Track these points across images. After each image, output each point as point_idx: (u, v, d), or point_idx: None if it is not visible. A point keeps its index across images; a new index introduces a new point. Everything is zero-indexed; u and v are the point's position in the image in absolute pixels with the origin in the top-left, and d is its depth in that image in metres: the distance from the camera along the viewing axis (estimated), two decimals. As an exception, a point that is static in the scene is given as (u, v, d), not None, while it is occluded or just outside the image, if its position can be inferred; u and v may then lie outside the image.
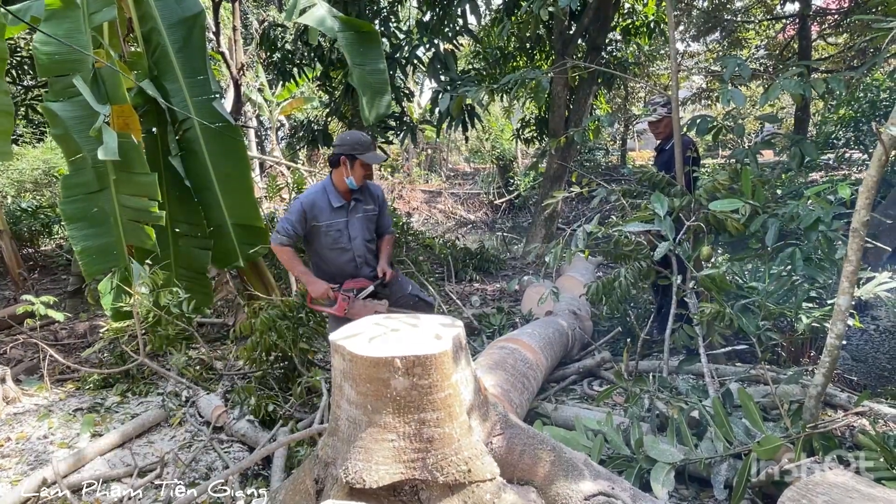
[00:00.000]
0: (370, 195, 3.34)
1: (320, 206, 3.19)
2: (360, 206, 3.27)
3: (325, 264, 3.30)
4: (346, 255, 3.26)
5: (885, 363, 4.41)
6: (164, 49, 3.87)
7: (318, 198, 3.19)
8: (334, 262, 3.26)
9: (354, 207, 3.25)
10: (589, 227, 2.84)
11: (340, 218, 3.21)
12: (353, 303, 3.12)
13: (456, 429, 1.65)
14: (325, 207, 3.19)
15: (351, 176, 3.14)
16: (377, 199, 3.36)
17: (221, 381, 3.70)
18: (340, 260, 3.26)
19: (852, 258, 1.91)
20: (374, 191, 3.38)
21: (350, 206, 3.24)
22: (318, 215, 3.18)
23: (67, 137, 3.62)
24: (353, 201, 3.25)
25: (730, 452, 2.01)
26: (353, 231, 3.24)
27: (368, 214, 3.30)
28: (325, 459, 1.76)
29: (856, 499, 1.42)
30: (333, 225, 3.20)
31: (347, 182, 3.16)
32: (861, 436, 1.92)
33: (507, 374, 2.38)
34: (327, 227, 3.19)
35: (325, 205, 3.19)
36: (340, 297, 3.10)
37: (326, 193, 3.21)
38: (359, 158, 3.10)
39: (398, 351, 1.60)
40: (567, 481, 1.80)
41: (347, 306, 3.09)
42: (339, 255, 3.25)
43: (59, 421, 3.22)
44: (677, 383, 2.78)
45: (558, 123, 7.11)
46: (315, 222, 3.19)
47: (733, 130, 3.14)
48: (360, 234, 3.26)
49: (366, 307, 3.09)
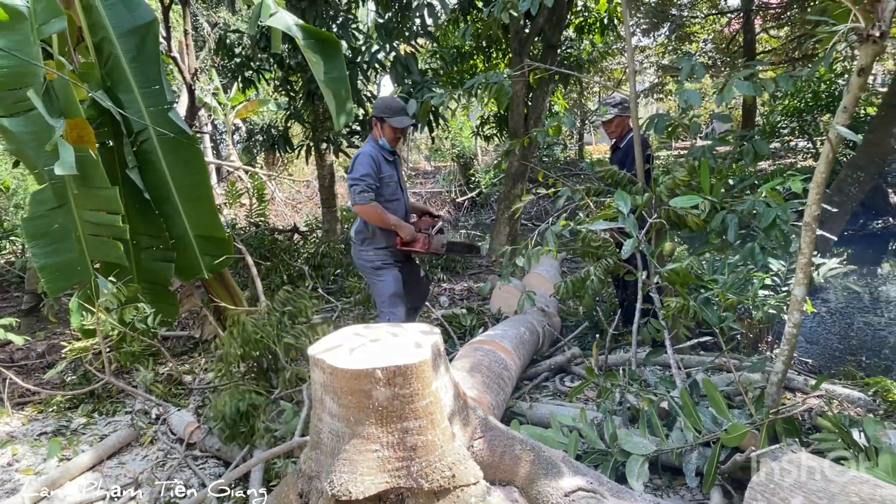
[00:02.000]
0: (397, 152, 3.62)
1: (379, 158, 3.40)
2: (398, 160, 3.61)
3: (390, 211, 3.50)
4: (399, 204, 3.53)
5: (837, 343, 4.64)
6: (117, 59, 3.76)
7: (374, 153, 3.39)
8: (393, 212, 3.46)
9: (395, 161, 3.55)
10: (556, 227, 2.90)
11: (392, 170, 3.49)
12: (431, 241, 3.51)
13: (438, 435, 1.68)
14: (382, 160, 3.41)
15: (383, 137, 3.40)
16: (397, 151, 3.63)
17: (191, 396, 3.65)
18: (397, 209, 3.50)
19: (805, 250, 2.01)
20: None
21: (395, 159, 3.55)
22: (381, 167, 3.39)
23: (23, 154, 3.51)
24: (394, 154, 3.55)
25: (699, 441, 2.09)
26: (401, 183, 3.56)
27: (401, 168, 3.66)
28: (309, 473, 1.76)
29: (817, 478, 1.51)
30: (392, 176, 3.47)
31: (381, 143, 3.43)
32: (820, 418, 2.03)
33: (483, 377, 2.42)
34: (388, 179, 3.44)
35: (382, 158, 3.41)
36: (422, 238, 3.47)
37: (379, 149, 3.43)
38: (387, 122, 3.34)
39: (378, 362, 1.62)
40: (547, 479, 1.84)
41: (425, 244, 3.49)
42: (397, 206, 3.51)
43: (23, 447, 3.11)
44: (645, 375, 2.87)
45: (518, 121, 7.19)
46: (380, 174, 3.39)
47: (689, 128, 3.25)
48: (401, 183, 3.58)
49: (438, 240, 3.55)
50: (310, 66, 3.77)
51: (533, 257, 2.98)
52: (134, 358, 3.68)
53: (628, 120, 3.77)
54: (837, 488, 1.46)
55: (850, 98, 1.87)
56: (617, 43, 13.07)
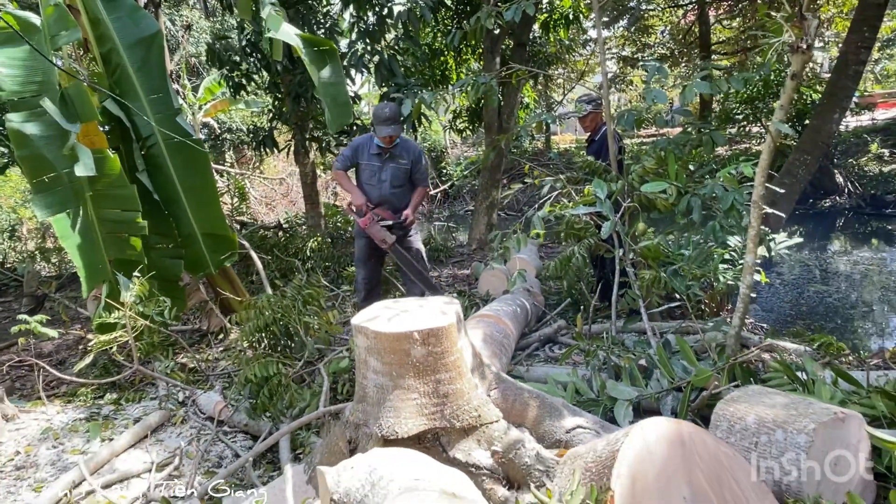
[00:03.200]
0: (407, 152, 4.19)
1: (364, 148, 4.15)
2: (396, 158, 4.14)
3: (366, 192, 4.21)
4: (375, 191, 4.16)
5: (789, 310, 5.17)
6: (124, 68, 4.00)
7: (364, 141, 4.18)
8: (366, 193, 4.18)
9: (389, 157, 4.13)
10: (543, 212, 3.29)
11: (376, 162, 4.12)
12: (372, 224, 4.08)
13: (465, 384, 2.05)
14: (366, 150, 4.13)
15: (377, 139, 4.04)
16: (413, 157, 4.22)
17: (209, 381, 3.94)
18: (370, 193, 4.17)
19: (754, 224, 2.43)
20: (411, 150, 4.25)
21: (385, 156, 4.12)
22: (361, 154, 4.14)
23: (36, 157, 3.71)
24: (389, 154, 4.12)
25: (673, 387, 2.51)
26: (384, 175, 4.13)
27: (401, 167, 4.16)
28: (356, 422, 2.11)
29: (765, 400, 1.93)
30: (369, 166, 4.12)
31: (376, 143, 4.07)
32: (771, 362, 2.46)
33: (489, 344, 2.80)
34: (365, 166, 4.14)
35: (367, 149, 4.13)
36: (370, 214, 4.05)
37: (371, 141, 4.13)
38: (374, 129, 4.02)
39: (414, 326, 1.98)
40: (552, 420, 2.23)
41: (368, 223, 4.06)
42: (370, 190, 4.17)
43: (62, 432, 3.37)
44: (625, 340, 3.29)
45: (492, 115, 7.57)
46: (359, 159, 4.14)
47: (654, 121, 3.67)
48: (389, 179, 4.14)
49: (379, 230, 4.08)
50: (308, 73, 4.06)
51: (522, 241, 3.37)
52: (153, 349, 3.94)
53: (600, 115, 4.18)
54: (781, 404, 1.88)
55: (786, 98, 2.29)
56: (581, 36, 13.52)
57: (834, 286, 6.07)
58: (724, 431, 1.94)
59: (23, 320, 3.39)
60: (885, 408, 1.99)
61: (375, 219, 4.11)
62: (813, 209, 9.87)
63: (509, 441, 2.01)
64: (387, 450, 1.83)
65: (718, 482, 1.40)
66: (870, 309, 5.12)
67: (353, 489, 1.62)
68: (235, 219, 8.64)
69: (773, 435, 1.82)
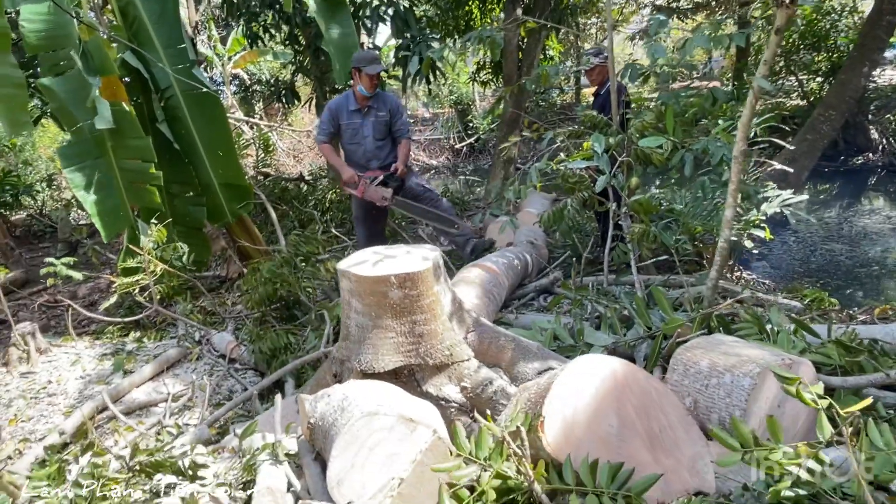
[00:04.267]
0: (384, 104, 4.23)
1: (342, 108, 4.19)
2: (374, 111, 4.18)
3: (346, 155, 4.35)
4: (360, 149, 4.24)
5: (797, 268, 5.16)
6: (142, 21, 4.13)
7: (340, 102, 4.22)
8: (352, 154, 4.29)
9: (368, 112, 4.17)
10: (540, 164, 3.36)
11: (356, 119, 4.17)
12: (368, 187, 4.16)
13: (439, 326, 2.20)
14: (344, 110, 4.18)
15: (360, 84, 4.04)
16: (391, 108, 4.25)
17: (225, 323, 4.19)
18: (356, 153, 4.26)
19: (734, 179, 2.48)
20: (388, 101, 4.29)
21: (364, 111, 4.17)
22: (340, 115, 4.18)
23: (64, 110, 3.91)
24: (367, 108, 4.17)
25: (648, 335, 2.62)
26: (366, 131, 4.19)
27: (380, 119, 4.20)
28: (341, 358, 2.30)
29: (722, 347, 2.03)
30: (351, 125, 4.16)
31: (359, 90, 4.08)
32: (741, 313, 2.55)
33: (476, 289, 2.94)
34: (346, 126, 4.19)
35: (345, 108, 4.17)
36: (362, 181, 4.14)
37: (347, 100, 4.18)
38: (363, 70, 3.97)
39: (393, 270, 2.12)
40: (524, 362, 2.37)
41: (364, 189, 4.15)
42: (355, 149, 4.25)
43: (89, 365, 3.68)
44: (616, 291, 3.39)
45: (511, 69, 7.48)
46: (340, 121, 4.18)
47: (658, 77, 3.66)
48: (371, 133, 4.20)
49: (376, 191, 4.15)
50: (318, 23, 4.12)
51: (520, 192, 3.45)
52: (174, 292, 4.20)
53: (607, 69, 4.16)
54: (733, 352, 1.98)
55: (769, 53, 2.30)
56: (611, -16, 13.04)
57: (850, 245, 5.99)
58: (679, 374, 2.05)
59: (50, 263, 3.65)
60: (838, 358, 2.07)
61: (367, 181, 4.19)
62: (844, 166, 9.59)
63: (478, 379, 2.17)
64: (361, 381, 2.00)
65: (647, 414, 1.53)
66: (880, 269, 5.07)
67: (327, 413, 1.80)
68: (260, 170, 8.84)
69: (722, 378, 1.93)
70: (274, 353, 3.40)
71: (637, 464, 1.42)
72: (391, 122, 4.25)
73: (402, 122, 4.33)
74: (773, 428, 1.14)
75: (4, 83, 3.42)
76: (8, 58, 3.49)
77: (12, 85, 3.46)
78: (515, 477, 1.35)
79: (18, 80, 3.42)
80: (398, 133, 4.32)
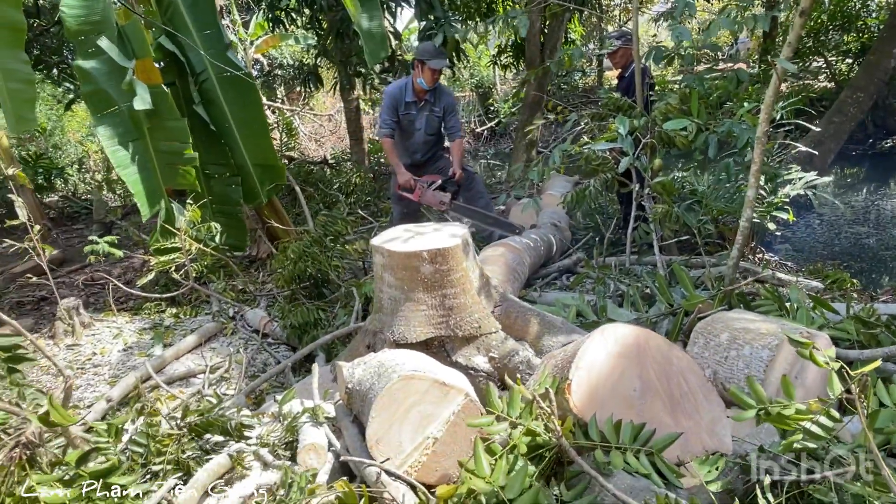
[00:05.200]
0: (440, 99, 4.21)
1: (400, 98, 4.15)
2: (429, 105, 4.18)
3: (397, 146, 4.29)
4: (409, 141, 4.25)
5: (821, 250, 5.16)
6: (177, 6, 4.24)
7: (398, 91, 4.16)
8: (402, 145, 4.27)
9: (424, 106, 4.17)
10: (564, 146, 3.43)
11: (412, 111, 4.16)
12: (424, 192, 4.12)
13: (468, 299, 2.30)
14: (401, 100, 4.14)
15: (421, 77, 4.02)
16: (445, 105, 4.24)
17: (257, 300, 4.34)
18: (407, 145, 4.27)
19: (756, 160, 2.53)
20: (444, 97, 4.26)
21: (420, 104, 4.16)
22: (398, 105, 4.15)
23: (99, 92, 4.04)
24: (424, 101, 4.16)
25: (670, 311, 2.69)
26: (418, 124, 4.20)
27: (435, 114, 4.21)
28: (373, 330, 2.42)
29: (741, 322, 2.10)
30: (406, 116, 4.15)
31: (419, 82, 4.06)
32: (762, 290, 2.61)
33: (500, 268, 3.04)
34: (403, 116, 4.17)
35: (402, 98, 4.14)
36: (418, 186, 4.12)
37: (404, 89, 4.14)
38: (427, 63, 3.95)
39: (424, 246, 2.22)
40: (549, 336, 2.47)
41: (421, 193, 4.12)
42: (406, 141, 4.25)
43: (130, 339, 3.86)
44: (638, 271, 3.46)
45: (534, 51, 7.50)
46: (399, 109, 4.15)
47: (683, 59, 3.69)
48: (424, 128, 4.20)
49: (433, 196, 4.11)
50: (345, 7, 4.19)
51: (543, 173, 3.52)
52: (207, 270, 4.35)
53: (631, 51, 4.18)
54: (752, 326, 2.05)
55: (794, 35, 2.33)
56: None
57: (876, 229, 5.95)
58: (700, 347, 2.14)
59: (93, 241, 3.82)
60: (855, 333, 2.13)
61: (424, 185, 4.15)
62: (872, 149, 9.44)
63: (505, 349, 2.27)
64: (395, 350, 2.12)
65: (668, 379, 1.62)
66: (905, 251, 5.06)
67: (364, 378, 1.92)
68: (283, 154, 8.99)
69: (742, 350, 2.01)
70: (304, 327, 3.54)
71: (658, 425, 1.51)
72: (444, 118, 4.26)
73: (456, 121, 4.32)
74: (787, 387, 1.23)
75: (13, 78, 3.48)
76: (20, 54, 3.60)
77: (21, 81, 3.55)
78: (544, 434, 1.45)
79: (28, 76, 3.51)
80: (450, 131, 4.31)
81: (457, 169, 4.21)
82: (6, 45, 3.65)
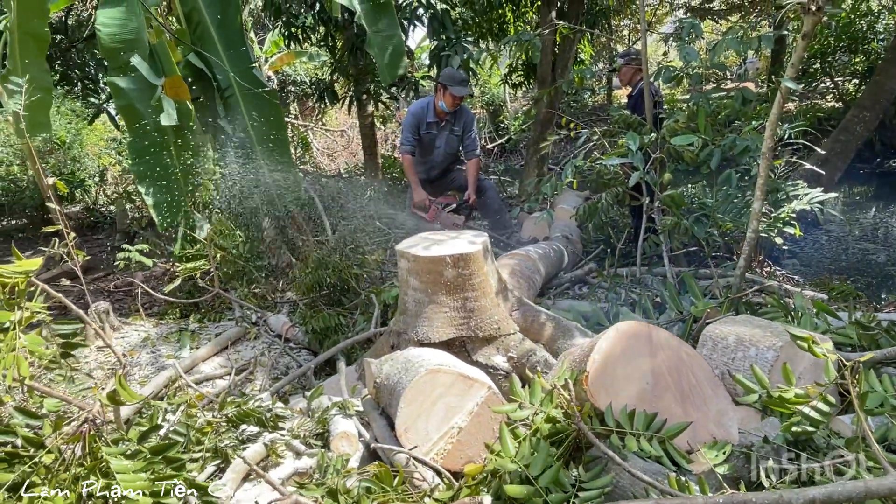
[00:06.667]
0: (460, 119, 4.38)
1: (422, 117, 4.34)
2: (449, 125, 4.35)
3: (416, 161, 4.47)
4: (429, 157, 4.41)
5: (828, 265, 5.26)
6: (205, 26, 4.46)
7: (420, 110, 4.35)
8: (421, 161, 4.45)
9: (444, 126, 4.35)
10: (576, 161, 3.57)
11: (433, 131, 4.34)
12: (439, 213, 4.27)
13: (488, 302, 2.44)
14: (423, 119, 4.33)
15: (443, 101, 4.22)
16: (464, 123, 4.40)
17: (278, 307, 4.49)
18: (425, 161, 4.43)
19: (762, 174, 2.66)
20: (464, 116, 4.43)
21: (441, 124, 4.34)
22: (421, 124, 4.34)
23: (131, 107, 4.25)
24: (444, 122, 4.33)
25: (679, 318, 2.81)
26: (438, 142, 4.37)
27: (454, 134, 4.38)
28: (398, 330, 2.55)
29: (747, 325, 2.22)
30: (428, 134, 4.33)
31: (440, 105, 4.26)
32: (767, 298, 2.72)
33: (516, 276, 3.17)
34: (424, 135, 4.36)
35: (424, 117, 4.33)
36: (433, 206, 4.24)
37: (426, 109, 4.32)
38: (450, 89, 4.15)
39: (447, 251, 2.36)
40: (564, 339, 2.60)
41: (435, 215, 4.24)
42: (426, 157, 4.41)
43: (157, 341, 4.01)
44: (648, 281, 3.58)
45: (545, 70, 7.68)
46: (421, 128, 4.33)
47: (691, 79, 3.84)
48: (444, 146, 4.38)
49: (447, 218, 4.26)
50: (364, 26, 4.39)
51: (556, 188, 3.67)
52: (229, 277, 4.51)
53: (636, 69, 4.35)
54: (759, 328, 2.17)
55: (796, 57, 2.48)
56: (645, -14, 13.10)
57: (883, 246, 6.05)
58: (708, 349, 2.25)
59: (125, 249, 3.99)
60: (856, 338, 2.25)
61: (440, 207, 4.29)
62: (880, 168, 9.54)
63: (523, 350, 2.40)
64: (421, 348, 2.25)
65: (678, 373, 1.74)
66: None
67: (392, 374, 2.05)
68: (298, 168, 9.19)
69: (748, 351, 2.13)
70: (326, 332, 3.68)
71: (669, 415, 1.63)
72: (462, 136, 4.42)
73: (472, 140, 4.46)
74: (787, 373, 1.35)
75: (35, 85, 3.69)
76: (42, 63, 3.84)
77: (41, 88, 3.79)
78: (563, 420, 1.57)
79: (47, 84, 3.75)
80: (468, 149, 4.47)
81: (472, 193, 4.36)
82: (31, 54, 3.88)
